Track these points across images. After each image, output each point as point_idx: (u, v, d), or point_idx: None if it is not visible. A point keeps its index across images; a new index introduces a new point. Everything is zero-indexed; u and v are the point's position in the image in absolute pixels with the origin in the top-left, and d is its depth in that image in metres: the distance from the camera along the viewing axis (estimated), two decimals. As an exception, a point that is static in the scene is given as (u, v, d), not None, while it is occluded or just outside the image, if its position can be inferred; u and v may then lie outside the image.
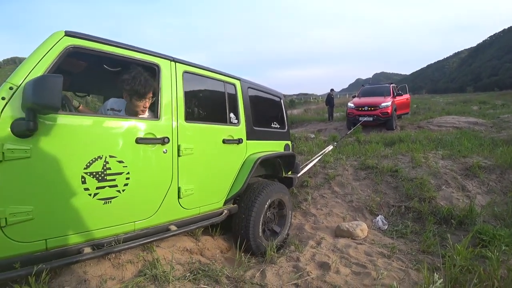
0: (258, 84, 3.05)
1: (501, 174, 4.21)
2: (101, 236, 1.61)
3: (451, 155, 4.85)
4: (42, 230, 1.40)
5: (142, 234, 1.76)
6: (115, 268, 1.76)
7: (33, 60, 1.41)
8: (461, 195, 3.67)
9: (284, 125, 3.42)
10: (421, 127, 9.42)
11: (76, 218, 1.51)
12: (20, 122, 1.30)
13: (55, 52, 1.45)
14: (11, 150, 1.29)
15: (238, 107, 2.60)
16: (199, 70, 2.25)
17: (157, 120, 1.86)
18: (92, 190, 1.54)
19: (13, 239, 1.32)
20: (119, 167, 1.64)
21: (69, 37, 1.51)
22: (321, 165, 5.00)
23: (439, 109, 14.16)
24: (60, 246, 1.47)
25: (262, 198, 2.49)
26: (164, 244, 2.10)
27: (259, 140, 2.80)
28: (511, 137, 6.18)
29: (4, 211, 1.28)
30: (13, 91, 1.34)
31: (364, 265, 2.17)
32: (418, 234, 3.03)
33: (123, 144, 1.67)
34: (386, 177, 4.29)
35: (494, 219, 3.22)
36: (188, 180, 2.01)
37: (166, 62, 1.99)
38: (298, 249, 2.40)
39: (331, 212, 3.62)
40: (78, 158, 1.50)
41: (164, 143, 1.84)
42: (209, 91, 2.46)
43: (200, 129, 2.15)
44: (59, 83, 1.25)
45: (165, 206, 1.88)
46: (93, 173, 1.54)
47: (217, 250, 2.46)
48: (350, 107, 10.14)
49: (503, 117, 10.07)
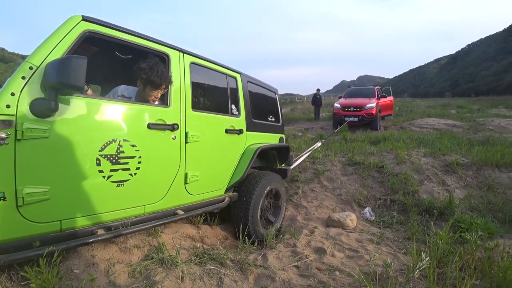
0: (256, 79, 3.17)
1: (477, 170, 4.52)
2: (113, 219, 1.64)
3: (432, 153, 5.15)
4: (57, 211, 1.42)
5: (152, 217, 1.81)
6: (122, 252, 1.82)
7: (52, 42, 1.42)
8: (441, 189, 3.93)
9: (278, 119, 3.54)
10: (403, 128, 9.85)
11: (90, 200, 1.53)
12: (41, 102, 1.31)
13: (72, 36, 1.47)
14: (30, 129, 1.29)
15: (239, 99, 2.70)
16: (205, 62, 2.33)
17: (167, 107, 1.92)
18: (106, 173, 1.56)
19: (29, 219, 1.33)
20: (132, 151, 1.68)
21: (86, 21, 1.53)
22: (310, 161, 5.16)
23: (420, 111, 14.76)
24: (74, 228, 1.49)
25: (262, 185, 2.61)
26: (168, 230, 2.16)
27: (257, 132, 2.92)
28: (486, 138, 6.61)
29: (21, 190, 1.28)
30: (32, 71, 1.34)
31: (357, 250, 2.32)
32: (403, 224, 3.23)
33: (136, 129, 1.72)
34: (373, 172, 4.51)
35: (470, 210, 3.49)
36: (194, 167, 2.08)
37: (175, 52, 2.05)
38: (294, 237, 2.53)
39: (321, 205, 3.78)
40: (94, 141, 1.52)
41: (173, 130, 1.90)
42: (213, 82, 2.54)
43: (205, 118, 2.22)
44: (84, 64, 1.28)
45: (172, 191, 1.94)
46: (107, 156, 1.56)
47: (216, 239, 2.54)
48: (336, 107, 10.43)
49: (479, 120, 10.67)
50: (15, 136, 1.26)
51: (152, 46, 1.89)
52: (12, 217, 1.28)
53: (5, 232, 1.27)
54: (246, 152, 2.65)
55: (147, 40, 1.85)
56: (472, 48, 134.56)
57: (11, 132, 1.24)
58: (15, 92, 1.28)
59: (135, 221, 1.72)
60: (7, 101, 1.25)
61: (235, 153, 2.57)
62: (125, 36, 1.72)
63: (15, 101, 1.27)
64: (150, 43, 1.88)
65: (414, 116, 12.25)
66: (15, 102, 1.27)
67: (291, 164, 3.60)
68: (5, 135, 1.21)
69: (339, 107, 10.26)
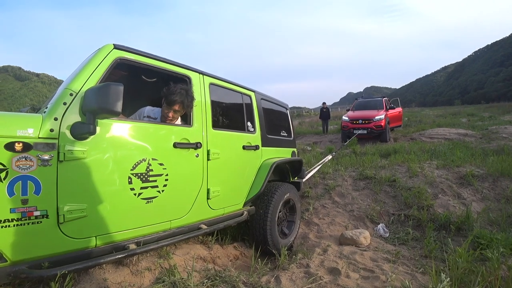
0: (268, 96, 3.31)
1: (493, 182, 4.39)
2: (143, 234, 1.72)
3: (445, 164, 5.03)
4: (93, 227, 1.49)
5: (178, 232, 1.90)
6: (133, 275, 1.81)
7: (88, 70, 1.55)
8: (457, 203, 3.81)
9: (290, 134, 3.66)
10: (413, 139, 9.70)
11: (123, 216, 1.61)
12: (80, 125, 1.41)
13: (106, 63, 1.60)
14: (70, 151, 1.39)
15: (254, 117, 2.83)
16: (222, 82, 2.47)
17: (190, 127, 2.04)
18: (137, 190, 1.65)
19: (68, 235, 1.40)
20: (160, 169, 1.77)
21: (117, 50, 1.67)
22: (320, 176, 5.11)
23: (430, 121, 14.58)
24: (108, 243, 1.56)
25: (278, 195, 2.73)
26: (179, 251, 2.15)
27: (271, 147, 3.04)
28: (501, 147, 6.44)
29: (62, 208, 1.36)
30: (72, 97, 1.45)
31: (372, 269, 2.25)
32: (419, 241, 3.13)
33: (163, 148, 1.82)
34: (385, 186, 4.42)
35: (490, 224, 3.35)
36: (215, 182, 2.18)
37: (196, 74, 2.18)
38: (307, 256, 2.48)
39: (333, 221, 3.70)
40: (126, 160, 1.62)
41: (197, 148, 2.01)
42: (230, 101, 2.68)
43: (224, 136, 2.34)
44: (121, 91, 1.37)
45: (196, 206, 2.03)
46: (138, 174, 1.65)
47: (227, 259, 2.51)
48: (344, 120, 10.40)
49: (491, 128, 10.42)
50: (58, 158, 1.36)
51: (175, 70, 2.02)
52: (53, 233, 1.35)
53: (46, 247, 1.35)
54: (262, 167, 2.76)
55: (171, 65, 1.99)
56: (479, 54, 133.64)
57: (54, 154, 1.35)
58: (58, 117, 1.39)
59: (163, 235, 1.80)
60: (51, 125, 1.36)
61: (252, 169, 2.68)
62: (151, 61, 1.86)
63: (58, 125, 1.38)
64: (174, 67, 2.01)
65: (424, 127, 12.09)
66: (58, 126, 1.38)
67: (303, 177, 3.67)
68: (49, 157, 1.32)
69: (348, 120, 10.23)
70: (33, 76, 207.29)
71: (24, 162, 1.26)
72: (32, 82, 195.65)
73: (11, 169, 1.23)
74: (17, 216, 1.25)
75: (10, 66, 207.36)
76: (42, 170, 1.31)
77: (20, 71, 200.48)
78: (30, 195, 1.28)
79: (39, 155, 1.30)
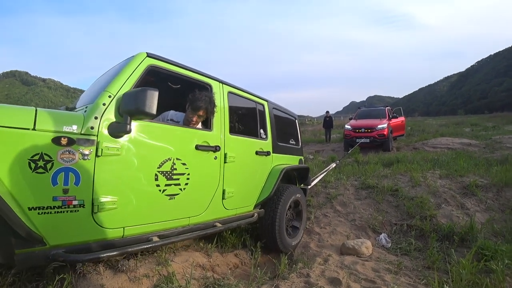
0: (279, 105, 3.50)
1: (497, 192, 4.33)
2: (165, 228, 1.84)
3: (448, 174, 4.99)
4: (121, 219, 1.60)
5: (195, 228, 2.02)
6: (131, 281, 1.80)
7: (125, 75, 1.70)
8: (460, 213, 3.76)
9: (298, 142, 3.83)
10: (416, 148, 9.65)
11: (148, 210, 1.73)
12: (117, 125, 1.55)
13: (140, 70, 1.76)
14: (107, 148, 1.52)
15: (266, 124, 3.01)
16: (239, 91, 2.65)
17: (211, 131, 2.18)
18: (162, 187, 1.78)
19: (100, 225, 1.51)
20: (183, 168, 1.91)
21: (149, 58, 1.83)
22: (322, 185, 5.08)
23: (433, 131, 14.51)
24: (134, 234, 1.67)
25: (286, 195, 2.88)
26: (178, 259, 2.13)
27: (281, 154, 3.20)
28: (505, 157, 6.38)
29: (97, 199, 1.48)
30: (111, 99, 1.59)
31: (373, 280, 2.21)
32: (422, 251, 3.07)
33: (187, 149, 1.97)
34: (387, 196, 4.38)
35: (494, 235, 3.29)
36: (230, 184, 2.31)
37: (216, 83, 2.35)
38: (307, 266, 2.44)
39: (334, 231, 3.66)
40: (154, 159, 1.75)
41: (216, 151, 2.16)
42: (245, 109, 2.87)
43: (240, 141, 2.50)
44: (156, 95, 1.53)
45: (212, 205, 2.16)
46: (163, 172, 1.79)
47: (227, 267, 2.48)
48: (347, 129, 10.39)
49: (495, 138, 10.37)
50: (96, 153, 1.48)
51: (198, 78, 2.18)
52: (87, 222, 1.47)
53: (80, 235, 1.46)
54: (272, 172, 2.92)
55: (195, 73, 2.15)
56: (482, 64, 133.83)
57: (93, 149, 1.48)
58: (98, 116, 1.52)
59: (182, 231, 1.92)
60: (92, 123, 1.49)
61: (263, 173, 2.84)
62: (178, 69, 2.02)
63: (97, 123, 1.51)
64: (197, 75, 2.17)
65: (426, 136, 12.03)
66: (97, 124, 1.51)
67: (309, 184, 3.81)
68: (88, 151, 1.46)
69: (350, 128, 10.22)
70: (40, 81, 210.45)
71: (67, 155, 1.39)
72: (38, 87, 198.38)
73: (56, 161, 1.35)
74: (58, 204, 1.36)
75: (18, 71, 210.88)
76: (82, 163, 1.44)
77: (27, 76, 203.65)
78: (71, 186, 1.40)
79: (81, 150, 1.43)
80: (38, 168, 1.31)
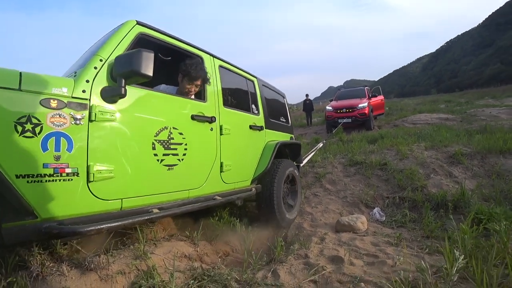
0: (268, 83, 3.49)
1: (482, 159, 4.36)
2: (165, 200, 1.75)
3: (433, 145, 4.98)
4: (119, 190, 1.50)
5: (195, 201, 1.94)
6: (103, 281, 1.52)
7: (115, 41, 1.60)
8: (449, 181, 3.74)
9: (288, 120, 3.88)
10: (397, 125, 9.76)
11: (147, 181, 1.64)
12: (111, 88, 1.46)
13: (130, 37, 1.67)
14: (101, 112, 1.42)
15: (257, 100, 3.03)
16: (229, 66, 2.63)
17: (205, 102, 2.14)
18: (159, 156, 1.70)
19: (96, 195, 1.40)
20: (180, 138, 1.85)
21: (139, 25, 1.74)
22: (309, 164, 4.94)
23: (410, 109, 14.82)
24: (133, 207, 1.57)
25: (282, 168, 2.92)
26: (159, 250, 1.87)
27: (273, 130, 3.24)
28: (483, 127, 6.52)
29: (92, 166, 1.37)
30: (102, 62, 1.50)
31: (375, 254, 2.06)
32: (417, 222, 2.99)
33: (183, 118, 1.91)
34: (376, 170, 4.30)
35: (485, 200, 3.28)
36: (227, 157, 2.29)
37: (207, 56, 2.31)
38: (304, 246, 2.26)
39: (327, 209, 3.52)
40: (151, 126, 1.68)
41: (211, 122, 2.12)
42: (236, 84, 2.82)
43: (234, 114, 2.48)
44: (152, 56, 1.44)
45: (211, 178, 2.12)
46: (161, 141, 1.72)
47: (216, 256, 2.25)
48: (328, 110, 10.32)
49: (470, 112, 10.69)
50: (89, 118, 1.39)
51: (190, 50, 2.13)
52: (83, 192, 1.36)
53: (75, 207, 1.34)
54: (267, 147, 2.95)
55: (187, 45, 2.09)
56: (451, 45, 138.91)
57: (86, 114, 1.38)
58: (89, 80, 1.43)
59: (181, 204, 1.83)
60: (83, 86, 1.40)
61: (257, 148, 2.86)
62: (170, 40, 1.94)
63: (89, 87, 1.42)
64: (189, 47, 2.12)
65: (405, 114, 12.23)
66: (89, 88, 1.42)
67: (301, 161, 3.87)
68: (81, 116, 1.36)
69: (331, 109, 10.16)
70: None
71: (58, 119, 1.29)
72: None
73: (45, 124, 1.25)
74: (50, 171, 1.24)
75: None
76: (75, 128, 1.34)
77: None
78: (63, 152, 1.29)
79: (72, 113, 1.33)
80: (26, 132, 1.18)
